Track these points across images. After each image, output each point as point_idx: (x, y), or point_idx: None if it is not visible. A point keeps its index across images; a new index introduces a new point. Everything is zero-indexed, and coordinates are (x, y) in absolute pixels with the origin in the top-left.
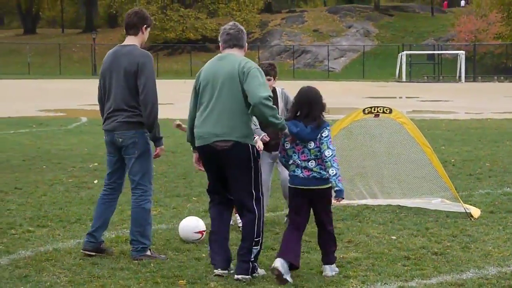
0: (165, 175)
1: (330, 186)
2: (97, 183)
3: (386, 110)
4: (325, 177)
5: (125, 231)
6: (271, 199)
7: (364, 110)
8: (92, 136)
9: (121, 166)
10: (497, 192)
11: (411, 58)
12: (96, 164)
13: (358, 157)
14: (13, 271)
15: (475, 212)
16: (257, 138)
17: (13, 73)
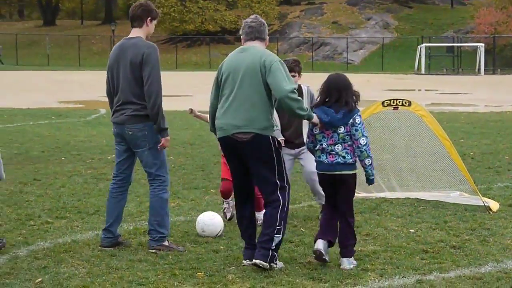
0: (183, 167)
1: (354, 173)
2: None
3: (405, 102)
4: (349, 162)
5: (143, 223)
6: None
7: (383, 103)
8: (111, 128)
9: (129, 156)
10: None
11: (430, 51)
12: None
13: (376, 149)
14: (31, 262)
15: (494, 205)
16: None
17: (32, 65)
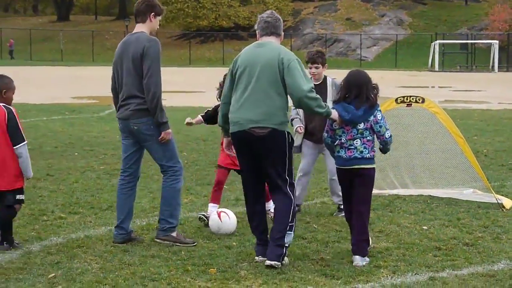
0: (196, 163)
1: (371, 167)
2: None
3: (419, 99)
4: (367, 156)
5: (156, 218)
6: None
7: (396, 100)
8: None
9: (136, 151)
10: None
11: (444, 48)
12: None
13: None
14: (45, 257)
15: (507, 202)
16: (297, 127)
17: (46, 60)
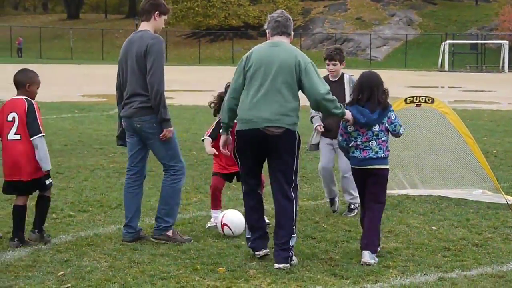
0: (205, 162)
1: (386, 167)
2: None
3: (428, 99)
4: (381, 156)
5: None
6: (311, 187)
7: (406, 100)
8: None
9: (142, 149)
10: None
11: (454, 48)
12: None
13: (399, 146)
14: (54, 255)
15: None
16: (317, 125)
17: (56, 58)
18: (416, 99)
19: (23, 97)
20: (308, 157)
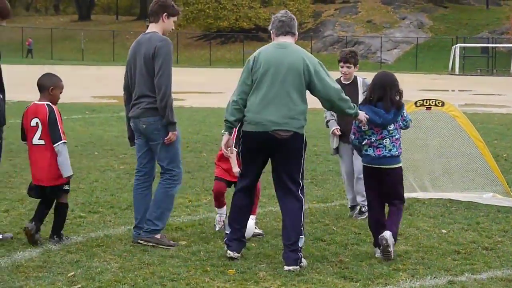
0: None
1: (400, 166)
2: None
3: (438, 103)
4: (395, 154)
5: (176, 219)
6: (321, 190)
7: (416, 103)
8: None
9: (149, 150)
10: None
11: (465, 51)
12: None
13: (409, 149)
14: (64, 256)
15: None
16: (333, 129)
17: (67, 59)
18: (426, 102)
19: (45, 102)
20: (318, 160)
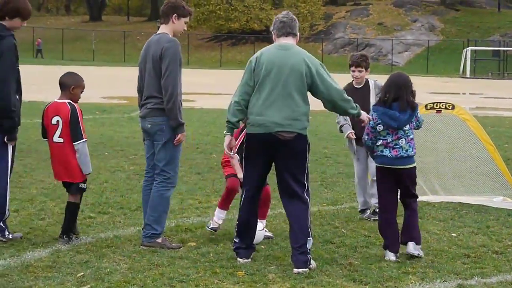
0: None
1: (414, 165)
2: None
3: (449, 106)
4: (411, 154)
5: (185, 220)
6: (331, 192)
7: (426, 106)
8: None
9: None
10: None
11: (476, 54)
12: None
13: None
14: (74, 256)
15: None
16: (348, 133)
17: (78, 60)
18: (437, 105)
19: (66, 101)
20: (328, 162)
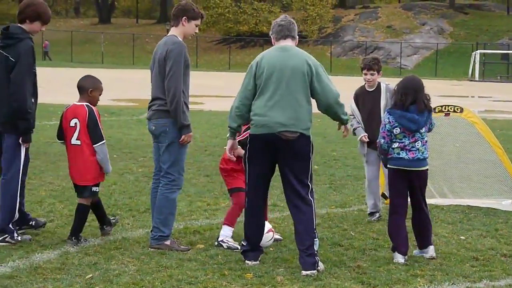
0: None
1: (427, 168)
2: None
3: (457, 109)
4: (426, 156)
5: (194, 222)
6: (339, 194)
7: (434, 109)
8: None
9: None
10: None
11: (485, 57)
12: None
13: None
14: (82, 258)
15: None
16: (361, 136)
17: (87, 62)
18: (445, 109)
19: (85, 103)
20: (336, 165)
